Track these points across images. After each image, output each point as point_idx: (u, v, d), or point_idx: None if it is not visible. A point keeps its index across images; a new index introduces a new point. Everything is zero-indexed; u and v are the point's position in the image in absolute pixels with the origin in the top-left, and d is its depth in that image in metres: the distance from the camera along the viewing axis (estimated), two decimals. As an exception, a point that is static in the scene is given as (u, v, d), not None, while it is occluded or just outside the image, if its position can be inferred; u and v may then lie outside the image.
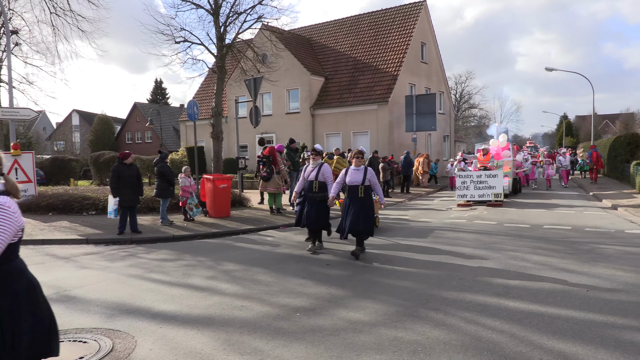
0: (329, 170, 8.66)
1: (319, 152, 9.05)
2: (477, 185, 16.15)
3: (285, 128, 30.12)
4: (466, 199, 16.23)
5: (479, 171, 16.70)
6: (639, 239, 9.47)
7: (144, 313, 5.42)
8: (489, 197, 15.91)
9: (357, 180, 8.05)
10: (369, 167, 8.17)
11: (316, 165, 8.72)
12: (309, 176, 8.66)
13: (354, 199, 8.05)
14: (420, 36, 31.08)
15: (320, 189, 8.52)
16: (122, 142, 57.04)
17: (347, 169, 8.37)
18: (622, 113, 76.12)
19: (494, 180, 16.02)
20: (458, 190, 16.45)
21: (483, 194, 16.00)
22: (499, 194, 15.81)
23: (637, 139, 24.01)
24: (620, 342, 4.34)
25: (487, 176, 16.11)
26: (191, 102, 15.46)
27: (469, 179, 16.32)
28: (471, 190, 16.16)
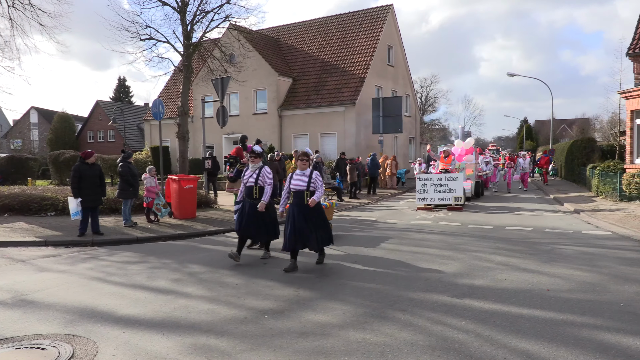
0: (269, 174, 7.91)
1: (258, 154, 8.09)
2: (437, 189, 15.66)
3: (252, 129, 29.88)
4: (426, 202, 15.80)
5: (440, 174, 16.33)
6: (595, 239, 9.82)
7: (106, 317, 5.26)
8: (449, 201, 15.52)
9: (301, 185, 7.28)
10: (315, 171, 7.39)
11: (256, 169, 7.94)
12: (248, 181, 7.88)
13: (299, 206, 7.25)
14: (387, 39, 31.43)
15: (260, 194, 7.78)
16: (83, 141, 55.41)
17: (291, 174, 7.53)
18: (578, 118, 79.01)
19: (454, 184, 15.57)
20: (418, 194, 15.92)
21: (443, 197, 15.55)
22: (459, 197, 15.46)
23: (592, 144, 24.99)
24: (579, 339, 4.47)
25: (447, 179, 15.67)
26: (156, 101, 15.17)
27: (429, 181, 15.86)
28: (431, 193, 15.67)
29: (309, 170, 7.39)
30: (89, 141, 55.66)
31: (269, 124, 30.19)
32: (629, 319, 5.01)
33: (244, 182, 8.00)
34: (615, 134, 32.85)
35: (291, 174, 7.48)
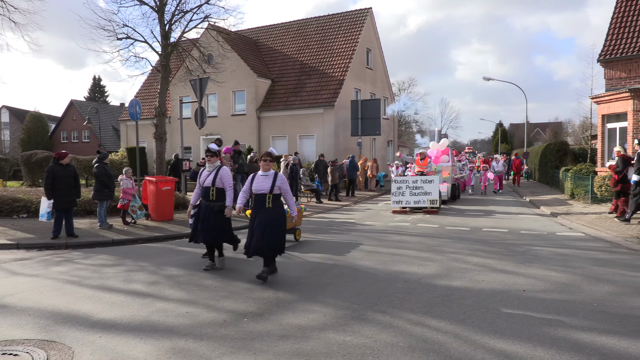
0: (228, 175, 7.42)
1: (214, 152, 7.52)
2: (412, 191, 15.42)
3: (231, 130, 29.74)
4: (401, 205, 15.51)
5: (416, 176, 16.06)
6: (569, 240, 10.04)
7: (82, 322, 5.15)
8: (424, 204, 15.26)
9: (264, 187, 6.73)
10: (279, 173, 6.92)
11: (213, 169, 7.42)
12: (205, 182, 7.35)
13: (260, 210, 6.75)
14: (365, 42, 31.61)
15: (218, 196, 7.27)
16: (56, 141, 54.25)
17: (253, 174, 6.99)
18: (551, 122, 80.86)
19: (429, 186, 15.34)
20: (393, 196, 15.65)
21: (419, 200, 15.30)
22: (434, 200, 15.22)
23: (565, 147, 25.56)
24: (555, 339, 4.56)
25: (423, 182, 15.41)
26: (133, 101, 14.94)
27: (404, 184, 15.58)
28: (407, 196, 15.42)
29: (273, 172, 6.89)
30: (63, 141, 54.52)
31: (247, 126, 30.05)
32: (602, 318, 5.13)
33: (200, 183, 7.48)
34: (586, 138, 33.69)
35: (253, 175, 6.95)
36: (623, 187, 12.30)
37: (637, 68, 17.23)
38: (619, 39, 17.83)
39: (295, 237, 10.14)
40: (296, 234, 10.19)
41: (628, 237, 10.02)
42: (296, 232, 10.18)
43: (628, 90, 16.32)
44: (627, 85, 17.08)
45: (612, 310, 5.39)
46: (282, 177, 6.91)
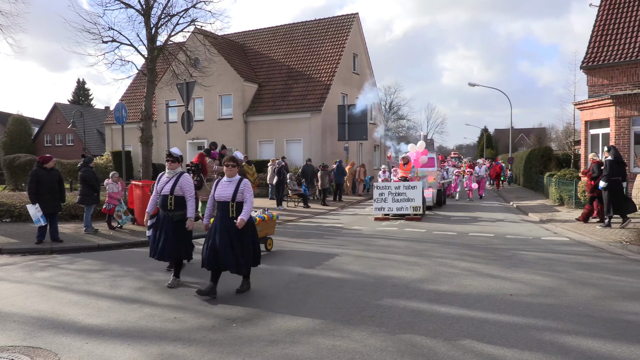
0: (189, 183, 6.75)
1: (176, 157, 6.84)
2: (395, 198, 14.89)
3: (217, 134, 29.60)
4: (384, 212, 14.95)
5: (398, 182, 15.52)
6: (554, 245, 10.17)
7: (68, 328, 5.08)
8: (407, 211, 14.73)
9: (226, 195, 6.22)
10: (244, 179, 6.38)
11: (173, 175, 6.73)
12: (163, 189, 6.68)
13: (223, 220, 6.21)
14: (352, 47, 31.77)
15: (177, 205, 6.59)
16: (40, 145, 53.49)
17: (217, 180, 6.51)
18: (535, 127, 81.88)
19: (412, 192, 14.83)
20: (375, 203, 15.07)
21: (401, 207, 14.78)
22: (417, 207, 14.68)
23: (549, 153, 25.92)
24: (542, 343, 4.61)
25: (405, 188, 14.91)
26: (119, 105, 14.83)
27: (386, 190, 15.05)
28: (389, 202, 14.89)
29: (238, 178, 6.36)
30: (47, 145, 53.80)
31: (234, 130, 29.95)
32: (587, 321, 5.21)
33: (157, 190, 6.81)
34: (570, 143, 34.17)
35: (217, 181, 6.47)
36: (599, 192, 12.54)
37: (619, 75, 17.55)
38: (601, 46, 18.16)
39: (267, 247, 9.54)
40: (267, 244, 9.59)
41: (611, 241, 10.18)
42: (267, 241, 9.60)
43: (610, 97, 16.62)
44: (609, 92, 17.39)
45: (597, 314, 5.47)
46: (247, 183, 6.36)
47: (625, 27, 18.13)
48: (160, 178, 6.88)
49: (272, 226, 9.94)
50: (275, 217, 10.07)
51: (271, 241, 9.82)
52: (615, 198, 11.91)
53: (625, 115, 16.42)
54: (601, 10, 19.13)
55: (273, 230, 10.03)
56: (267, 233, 9.73)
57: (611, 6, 18.92)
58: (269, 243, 9.72)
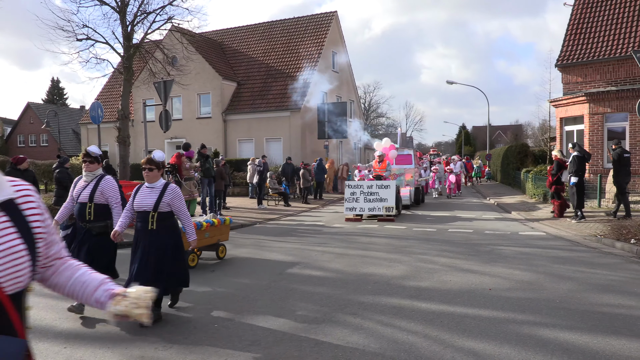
0: (113, 186, 5.63)
1: (94, 157, 5.66)
2: (367, 197, 14.00)
3: (196, 133, 29.34)
4: (355, 212, 14.09)
5: (372, 181, 14.66)
6: (531, 240, 10.35)
7: (44, 333, 4.98)
8: (379, 211, 13.85)
9: (147, 204, 5.29)
10: (171, 184, 5.44)
11: (92, 179, 5.61)
12: (80, 196, 5.57)
13: (142, 233, 5.34)
14: (331, 45, 31.81)
15: (97, 215, 5.52)
16: (13, 146, 52.30)
17: (138, 186, 5.54)
18: (512, 125, 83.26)
19: (385, 192, 13.92)
20: (346, 203, 14.20)
21: (373, 207, 13.89)
22: (390, 207, 13.77)
23: (526, 149, 26.39)
24: (520, 336, 4.69)
25: (378, 187, 14.02)
26: (95, 104, 14.57)
27: (358, 189, 14.18)
28: (361, 202, 14.03)
29: (162, 183, 5.41)
30: (20, 145, 52.60)
31: (213, 129, 29.73)
32: (564, 314, 5.31)
33: (73, 198, 5.70)
34: (545, 140, 34.82)
35: (137, 187, 5.51)
36: (557, 188, 13.24)
37: (593, 73, 17.95)
38: (575, 45, 18.55)
39: (218, 255, 8.59)
40: (219, 251, 8.63)
41: (586, 235, 10.41)
42: (219, 248, 8.64)
43: (584, 94, 16.99)
44: (583, 89, 17.78)
45: (573, 306, 5.59)
46: (175, 191, 5.39)
47: (598, 26, 18.54)
48: (76, 183, 5.76)
49: (225, 232, 8.92)
50: (228, 221, 8.99)
51: (224, 248, 8.79)
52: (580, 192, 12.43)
53: (598, 112, 16.80)
54: (575, 9, 19.53)
55: (226, 236, 8.98)
56: (220, 239, 8.74)
57: (585, 5, 19.33)
58: (221, 250, 8.69)
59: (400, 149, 18.74)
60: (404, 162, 18.13)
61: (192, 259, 7.88)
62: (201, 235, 7.95)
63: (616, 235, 9.54)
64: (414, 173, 18.06)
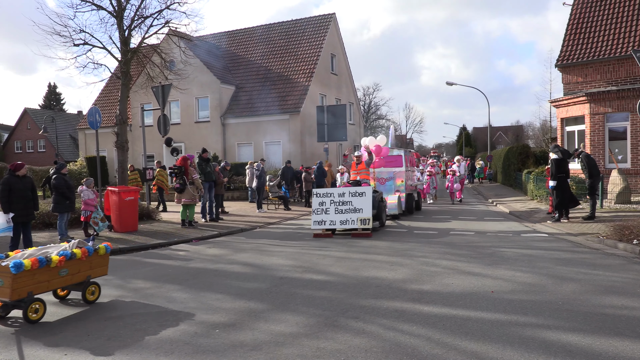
0: None
1: None
2: (338, 208, 11.66)
3: (195, 137, 29.32)
4: (324, 226, 11.66)
5: (345, 187, 12.34)
6: (533, 241, 10.32)
7: (45, 340, 4.93)
8: (353, 224, 11.47)
9: None
10: None
11: None
12: None
13: None
14: (330, 48, 31.82)
15: None
16: (10, 152, 52.29)
17: None
18: (513, 125, 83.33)
19: (360, 201, 11.54)
20: (314, 215, 11.81)
21: (346, 219, 11.52)
22: (366, 219, 11.43)
23: (527, 150, 26.36)
24: (523, 338, 4.65)
25: (352, 195, 11.66)
26: (93, 109, 14.54)
27: (328, 198, 11.81)
28: (331, 214, 11.66)
29: None
30: (17, 151, 52.60)
31: (211, 133, 29.69)
32: (567, 316, 5.27)
33: None
34: (547, 140, 34.82)
35: None
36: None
37: (593, 73, 17.96)
38: (575, 44, 18.56)
39: (86, 297, 6.26)
40: (87, 292, 6.27)
41: (589, 236, 10.38)
42: (87, 288, 6.28)
43: (585, 94, 16.98)
44: (584, 89, 17.78)
45: (576, 308, 5.55)
46: None
47: (598, 26, 18.56)
48: None
49: (100, 264, 6.59)
50: (102, 250, 6.60)
51: (96, 288, 6.43)
52: (563, 194, 12.53)
53: (599, 112, 16.79)
54: (574, 9, 19.55)
55: (103, 270, 6.67)
56: (90, 275, 6.37)
57: (584, 5, 19.35)
58: (91, 292, 6.34)
59: (390, 149, 16.11)
60: (392, 164, 15.68)
61: (34, 310, 5.54)
62: (52, 273, 5.82)
63: (619, 236, 9.50)
64: (405, 176, 15.76)
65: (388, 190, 15.22)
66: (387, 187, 15.34)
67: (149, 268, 8.60)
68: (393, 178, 15.55)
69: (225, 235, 12.59)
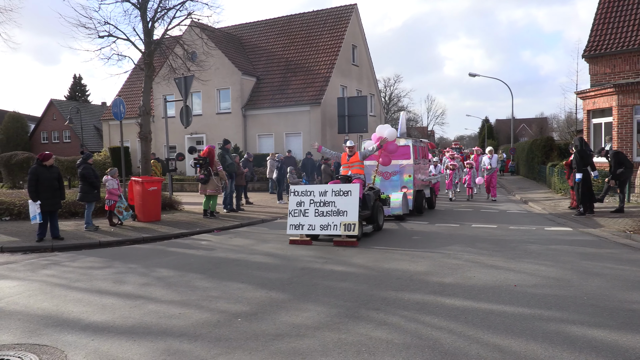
0: None
1: None
2: (319, 209, 9.66)
3: (216, 128, 29.55)
4: (302, 231, 9.68)
5: (328, 185, 10.13)
6: (557, 235, 10.16)
7: (73, 325, 5.06)
8: (336, 230, 9.40)
9: None
10: None
11: None
12: None
13: None
14: (351, 39, 31.63)
15: None
16: (36, 142, 53.35)
17: None
18: (537, 117, 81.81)
19: (345, 202, 9.50)
20: (291, 217, 9.86)
21: (327, 223, 9.48)
22: (351, 224, 9.32)
23: (551, 143, 25.90)
24: (547, 333, 4.60)
25: (335, 194, 9.65)
26: (117, 100, 14.74)
27: (307, 197, 9.84)
28: (310, 216, 9.66)
29: None
30: (43, 142, 53.66)
31: (232, 124, 29.87)
32: (592, 311, 5.19)
33: None
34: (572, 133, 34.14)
35: None
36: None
37: (622, 63, 17.49)
38: (603, 34, 18.08)
39: None
40: None
41: (615, 231, 10.17)
42: None
43: (613, 85, 16.56)
44: (612, 80, 17.34)
45: (601, 303, 5.46)
46: None
47: (627, 15, 18.04)
48: None
49: None
50: None
51: None
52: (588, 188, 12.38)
53: (627, 104, 16.37)
54: (602, -3, 19.02)
55: None
56: None
57: (612, -6, 18.81)
58: None
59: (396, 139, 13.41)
60: (399, 156, 13.58)
61: None
62: None
63: (645, 231, 9.30)
64: (413, 170, 13.75)
65: (394, 186, 13.60)
66: (392, 183, 13.69)
67: (172, 257, 8.73)
68: (400, 172, 13.73)
69: (246, 226, 12.70)
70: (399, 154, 13.53)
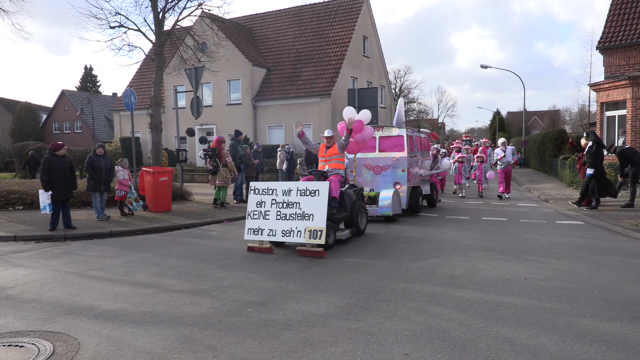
0: None
1: None
2: (281, 211, 8.11)
3: (226, 119, 29.61)
4: (261, 237, 8.15)
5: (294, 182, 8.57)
6: (569, 229, 10.09)
7: (86, 313, 5.13)
8: (299, 237, 7.82)
9: None
10: None
11: None
12: None
13: None
14: (362, 30, 31.44)
15: None
16: (48, 132, 53.76)
17: None
18: (549, 110, 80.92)
19: (311, 203, 7.92)
20: (249, 220, 8.32)
21: (290, 228, 7.92)
22: (317, 230, 7.72)
23: (563, 135, 25.65)
24: (557, 326, 4.59)
25: (300, 193, 8.05)
26: (128, 91, 14.79)
27: (269, 196, 8.30)
28: (271, 219, 8.13)
29: None
30: (55, 132, 54.04)
31: (243, 115, 29.91)
32: (603, 305, 5.16)
33: None
34: (585, 126, 33.78)
35: None
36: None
37: (637, 55, 17.23)
38: (618, 25, 17.80)
39: None
40: None
41: (626, 225, 10.08)
42: None
43: (627, 77, 16.33)
44: (626, 72, 17.09)
45: (612, 297, 5.43)
46: None
47: (641, 6, 17.73)
48: None
49: None
50: None
51: None
52: (600, 182, 12.28)
53: (641, 97, 16.15)
54: (617, -12, 18.70)
55: None
56: None
57: (627, -16, 18.49)
58: None
59: (388, 128, 12.66)
60: (391, 147, 12.27)
61: None
62: None
63: (658, 225, 9.21)
64: (407, 163, 12.12)
65: (386, 182, 12.07)
66: (384, 179, 12.13)
67: (183, 247, 8.80)
68: (393, 166, 12.11)
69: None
70: (391, 145, 12.20)
